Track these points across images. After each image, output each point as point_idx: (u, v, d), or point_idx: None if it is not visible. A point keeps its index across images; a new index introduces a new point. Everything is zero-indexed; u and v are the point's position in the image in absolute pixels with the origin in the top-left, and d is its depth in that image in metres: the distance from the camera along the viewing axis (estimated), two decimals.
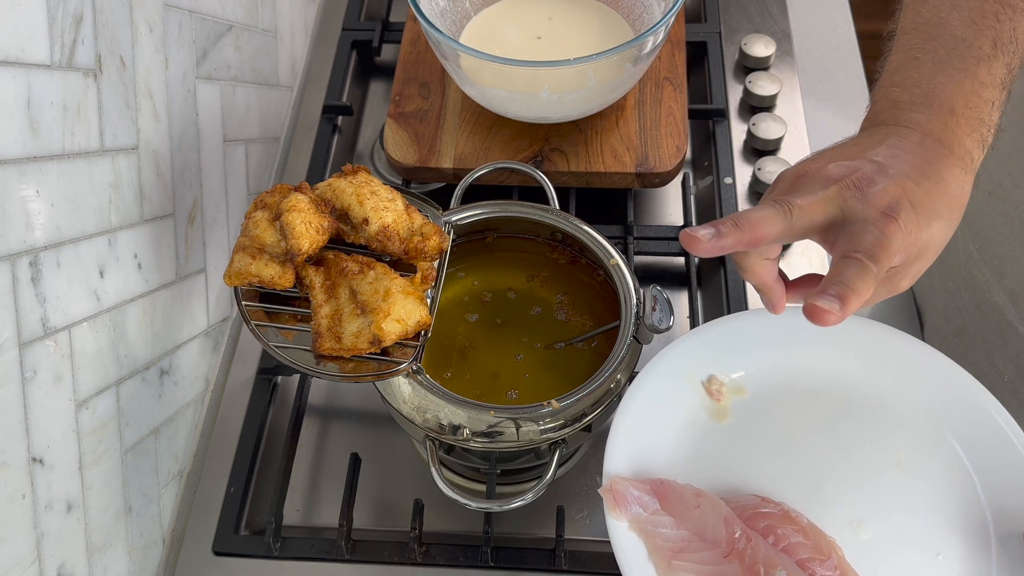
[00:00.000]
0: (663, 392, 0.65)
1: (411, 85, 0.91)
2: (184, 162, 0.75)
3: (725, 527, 0.59)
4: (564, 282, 0.75)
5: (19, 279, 0.54)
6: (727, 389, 0.67)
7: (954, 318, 0.82)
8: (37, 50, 0.55)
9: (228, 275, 0.63)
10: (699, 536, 0.59)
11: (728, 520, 0.59)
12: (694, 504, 0.60)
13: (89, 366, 0.62)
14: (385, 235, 0.63)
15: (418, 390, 0.62)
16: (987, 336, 0.79)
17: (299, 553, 0.72)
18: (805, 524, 0.60)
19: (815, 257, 0.88)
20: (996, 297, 0.77)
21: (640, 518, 0.60)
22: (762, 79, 0.98)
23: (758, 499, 0.61)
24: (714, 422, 0.66)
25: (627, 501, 0.60)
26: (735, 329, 0.68)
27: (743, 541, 0.58)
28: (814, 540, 0.59)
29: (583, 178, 0.85)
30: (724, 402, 0.66)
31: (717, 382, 0.67)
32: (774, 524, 0.60)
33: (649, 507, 0.60)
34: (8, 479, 0.54)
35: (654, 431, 0.64)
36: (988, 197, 0.76)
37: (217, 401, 0.83)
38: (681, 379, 0.67)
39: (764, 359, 0.68)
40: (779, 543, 0.59)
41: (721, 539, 0.58)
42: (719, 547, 0.58)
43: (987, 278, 0.78)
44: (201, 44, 0.78)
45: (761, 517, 0.60)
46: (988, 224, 0.76)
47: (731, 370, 0.68)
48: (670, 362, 0.67)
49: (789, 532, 0.59)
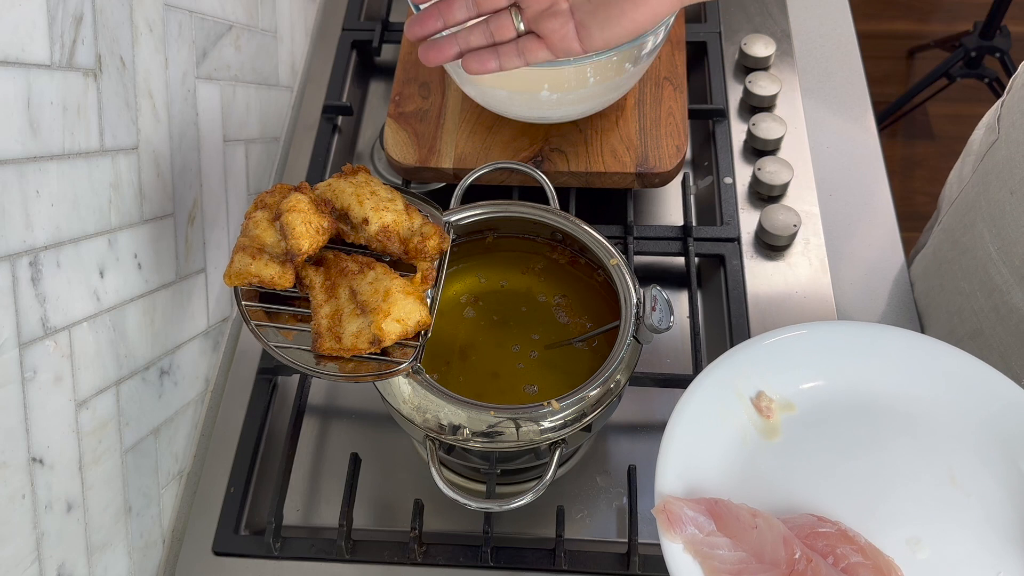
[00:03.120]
0: (712, 409, 0.65)
1: (411, 85, 0.91)
2: (184, 162, 0.75)
3: (784, 548, 0.57)
4: (564, 282, 0.75)
5: (19, 279, 0.54)
6: (776, 406, 0.66)
7: (969, 320, 0.82)
8: (37, 50, 0.55)
9: (228, 275, 0.63)
10: (757, 558, 0.57)
11: (787, 541, 0.57)
12: (751, 524, 0.58)
13: (89, 366, 0.62)
14: (385, 235, 0.63)
15: (418, 390, 0.62)
16: (1004, 339, 0.78)
17: (299, 553, 0.72)
18: (863, 544, 0.59)
19: (815, 257, 0.88)
20: (1015, 299, 0.77)
21: (696, 539, 0.58)
22: (762, 79, 0.98)
23: (815, 518, 0.60)
24: (764, 440, 0.65)
25: (682, 522, 0.58)
26: (782, 344, 0.68)
27: (803, 562, 0.56)
28: (874, 560, 0.58)
29: (583, 178, 0.85)
30: (774, 419, 0.66)
31: (766, 398, 0.66)
32: (833, 544, 0.58)
33: (705, 528, 0.58)
34: (8, 479, 0.54)
35: (704, 448, 0.63)
36: (1011, 196, 0.76)
37: (217, 401, 0.83)
38: (730, 395, 0.66)
39: (813, 375, 0.67)
40: (839, 563, 0.57)
41: (781, 560, 0.57)
42: (779, 569, 0.57)
43: (1006, 279, 0.77)
44: (201, 44, 0.78)
45: (819, 537, 0.59)
46: (1010, 224, 0.76)
47: (780, 386, 0.67)
48: (717, 378, 0.66)
49: (848, 552, 0.58)
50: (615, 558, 0.71)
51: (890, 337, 0.68)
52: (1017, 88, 0.78)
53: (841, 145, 0.98)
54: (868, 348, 0.68)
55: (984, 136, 0.84)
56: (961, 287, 0.83)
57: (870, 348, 0.68)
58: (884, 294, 0.89)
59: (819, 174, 0.94)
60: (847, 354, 0.67)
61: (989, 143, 0.81)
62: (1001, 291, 0.78)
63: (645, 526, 0.70)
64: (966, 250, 0.82)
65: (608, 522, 0.75)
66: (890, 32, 2.34)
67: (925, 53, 2.26)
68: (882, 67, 2.24)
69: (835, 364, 0.67)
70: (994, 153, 0.80)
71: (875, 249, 0.91)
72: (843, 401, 0.67)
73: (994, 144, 0.80)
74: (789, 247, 0.89)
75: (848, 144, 0.99)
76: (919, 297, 0.88)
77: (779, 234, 0.87)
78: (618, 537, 0.74)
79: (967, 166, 0.87)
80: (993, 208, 0.78)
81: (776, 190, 0.91)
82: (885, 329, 0.69)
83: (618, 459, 0.78)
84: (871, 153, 0.98)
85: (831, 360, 0.68)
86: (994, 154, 0.80)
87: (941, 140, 2.07)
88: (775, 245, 0.88)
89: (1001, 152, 0.78)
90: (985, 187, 0.80)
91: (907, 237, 0.93)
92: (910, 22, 2.37)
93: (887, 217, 0.93)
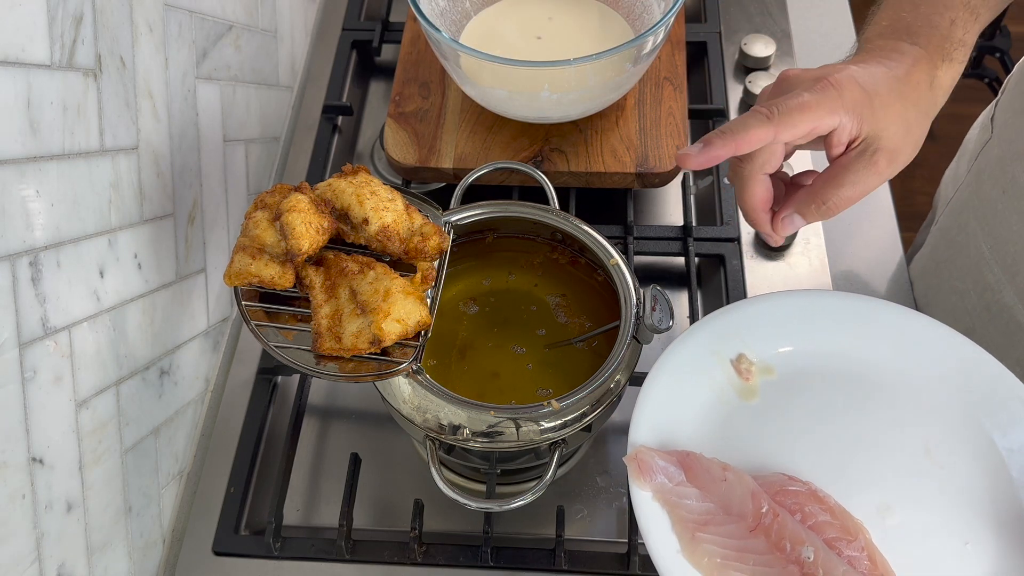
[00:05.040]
0: (691, 367, 0.65)
1: (411, 85, 0.91)
2: (184, 162, 0.75)
3: (752, 501, 0.58)
4: (564, 282, 0.75)
5: (19, 279, 0.54)
6: (756, 369, 0.67)
7: (962, 318, 0.82)
8: (37, 50, 0.55)
9: (228, 275, 0.63)
10: (724, 509, 0.58)
11: (755, 495, 0.58)
12: (720, 477, 0.59)
13: (89, 366, 0.62)
14: (385, 235, 0.63)
15: (418, 390, 0.62)
16: (995, 337, 0.79)
17: (299, 553, 0.72)
18: (832, 504, 0.59)
19: (815, 257, 0.88)
20: (1006, 298, 0.77)
21: (665, 488, 0.59)
22: (762, 79, 0.98)
23: (785, 477, 0.61)
24: (742, 401, 0.66)
25: (652, 470, 0.59)
26: (766, 310, 0.68)
27: (770, 516, 0.57)
28: (841, 521, 0.58)
29: (583, 178, 0.85)
30: (752, 381, 0.66)
31: (747, 361, 0.67)
32: (801, 502, 0.59)
33: (674, 478, 0.59)
34: (8, 479, 0.54)
35: (680, 405, 0.64)
36: (1003, 195, 0.76)
37: (217, 401, 0.83)
38: (710, 356, 0.66)
39: (794, 341, 0.68)
40: (806, 521, 0.58)
41: (747, 513, 0.58)
42: (745, 521, 0.58)
43: (998, 278, 0.77)
44: (201, 44, 0.78)
45: (788, 495, 0.59)
46: (1002, 222, 0.76)
47: (761, 350, 0.67)
48: (699, 338, 0.66)
49: (816, 511, 0.59)
50: (615, 558, 0.71)
51: (875, 308, 0.69)
52: (1011, 88, 0.79)
53: None
54: (852, 318, 0.68)
55: (978, 135, 0.84)
56: (955, 286, 0.83)
57: (854, 318, 0.68)
58: (884, 294, 0.89)
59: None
60: (831, 323, 0.68)
61: (983, 142, 0.81)
62: (993, 290, 0.78)
63: None
64: (960, 249, 0.82)
65: (608, 522, 0.75)
66: None
67: None
68: None
69: (818, 332, 0.68)
70: (987, 152, 0.80)
71: (875, 249, 0.91)
72: (823, 368, 0.67)
73: (987, 143, 0.80)
74: (789, 247, 0.89)
75: None
76: (918, 296, 0.88)
77: None
78: (618, 537, 0.74)
79: (962, 165, 0.87)
80: (985, 207, 0.78)
81: None
82: (870, 300, 0.69)
83: (618, 459, 0.78)
84: None
85: (814, 328, 0.68)
86: (987, 153, 0.80)
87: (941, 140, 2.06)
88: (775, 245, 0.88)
89: (994, 151, 0.78)
90: (978, 186, 0.80)
91: (907, 237, 0.93)
92: None
93: (887, 217, 0.93)
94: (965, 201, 0.83)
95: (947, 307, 0.84)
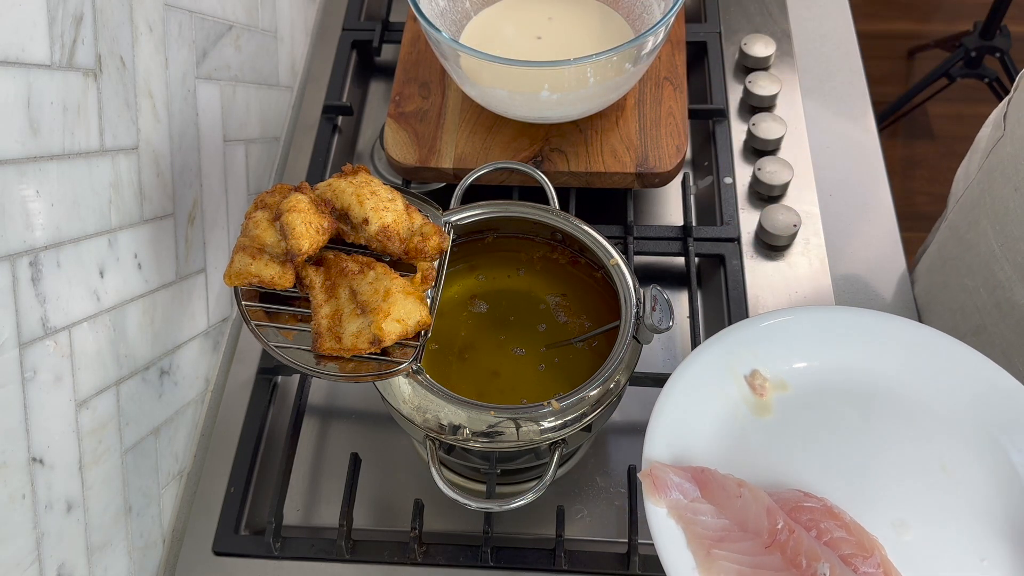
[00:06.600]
0: (705, 383, 0.65)
1: (411, 85, 0.91)
2: (184, 162, 0.75)
3: (768, 518, 0.58)
4: (564, 282, 0.75)
5: (19, 279, 0.54)
6: (770, 385, 0.67)
7: (972, 316, 0.82)
8: (37, 50, 0.55)
9: (228, 275, 0.63)
10: (740, 526, 0.58)
11: (771, 511, 0.58)
12: (736, 494, 0.59)
13: (89, 366, 0.62)
14: (385, 235, 0.63)
15: (418, 390, 0.62)
16: (1006, 335, 0.78)
17: (299, 553, 0.72)
18: (848, 520, 0.59)
19: (815, 257, 0.88)
20: (1017, 295, 0.77)
21: (680, 505, 0.59)
22: (762, 79, 0.98)
23: (800, 494, 0.61)
24: (755, 417, 0.66)
25: (667, 487, 0.59)
26: (780, 325, 0.68)
27: (785, 533, 0.57)
28: (857, 537, 0.58)
29: (583, 178, 0.85)
30: (767, 397, 0.66)
31: (760, 377, 0.67)
32: (817, 519, 0.59)
33: (689, 494, 0.59)
34: (8, 479, 0.54)
35: (694, 421, 0.64)
36: (1015, 193, 0.76)
37: (217, 401, 0.83)
38: (724, 372, 0.66)
39: (808, 357, 0.68)
40: (822, 537, 0.58)
41: (763, 530, 0.57)
42: (761, 538, 0.57)
43: (1008, 275, 0.77)
44: (201, 44, 0.78)
45: (804, 511, 0.59)
46: (1013, 220, 0.76)
47: (775, 366, 0.67)
48: (713, 354, 0.66)
49: (832, 527, 0.58)
50: (615, 558, 0.71)
51: (889, 324, 0.69)
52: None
53: (841, 145, 0.98)
54: (867, 334, 0.68)
55: (991, 133, 0.84)
56: (965, 284, 0.83)
57: (869, 334, 0.68)
58: (884, 294, 0.89)
59: (819, 174, 0.94)
60: (845, 339, 0.68)
61: (995, 140, 0.81)
62: (1004, 287, 0.78)
63: (645, 526, 0.70)
64: (970, 246, 0.82)
65: (608, 522, 0.75)
66: (890, 32, 2.34)
67: (925, 53, 2.26)
68: (882, 67, 2.24)
69: (832, 348, 0.68)
70: (999, 150, 0.80)
71: (875, 249, 0.91)
72: (838, 384, 0.67)
73: (1000, 141, 0.80)
74: (789, 247, 0.89)
75: (848, 144, 0.98)
76: (920, 294, 0.88)
77: (779, 234, 0.87)
78: (618, 537, 0.74)
79: (973, 163, 0.87)
80: (997, 204, 0.78)
81: (776, 190, 0.91)
82: (884, 316, 0.69)
83: (618, 459, 0.78)
84: (871, 153, 0.98)
85: (828, 343, 0.68)
86: (999, 151, 0.80)
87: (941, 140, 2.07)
88: (775, 245, 0.88)
89: (1006, 149, 0.78)
90: (990, 184, 0.80)
91: (907, 237, 0.93)
92: (910, 22, 2.37)
93: (887, 217, 0.93)
94: (976, 198, 0.83)
95: (955, 305, 0.84)
